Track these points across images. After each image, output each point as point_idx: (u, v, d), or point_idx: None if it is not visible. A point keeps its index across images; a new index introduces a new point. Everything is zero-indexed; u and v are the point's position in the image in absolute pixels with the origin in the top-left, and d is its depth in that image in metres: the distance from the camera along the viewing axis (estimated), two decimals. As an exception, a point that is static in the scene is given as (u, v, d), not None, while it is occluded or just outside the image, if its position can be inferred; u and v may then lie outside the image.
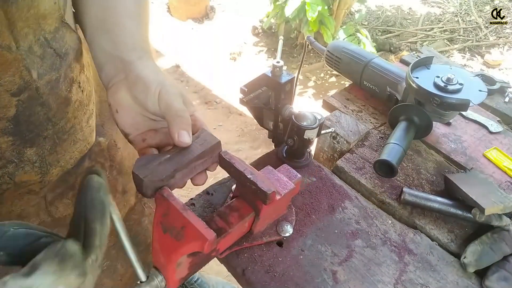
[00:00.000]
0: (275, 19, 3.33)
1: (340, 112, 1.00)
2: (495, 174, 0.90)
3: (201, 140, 0.60)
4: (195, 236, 0.52)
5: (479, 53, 3.43)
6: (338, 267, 0.67)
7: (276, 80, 0.74)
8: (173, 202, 0.54)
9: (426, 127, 0.90)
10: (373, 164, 0.82)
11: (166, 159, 0.56)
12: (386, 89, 0.98)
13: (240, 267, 0.66)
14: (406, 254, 0.71)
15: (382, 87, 1.00)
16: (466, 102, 0.80)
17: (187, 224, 0.53)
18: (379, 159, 0.80)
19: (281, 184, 0.65)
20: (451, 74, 0.83)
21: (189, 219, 0.53)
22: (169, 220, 0.54)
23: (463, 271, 0.70)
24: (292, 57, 3.34)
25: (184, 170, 0.57)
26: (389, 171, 0.81)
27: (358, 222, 0.75)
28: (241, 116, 2.65)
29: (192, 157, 0.57)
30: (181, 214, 0.53)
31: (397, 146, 0.82)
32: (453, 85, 0.82)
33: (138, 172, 0.54)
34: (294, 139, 0.77)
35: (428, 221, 0.78)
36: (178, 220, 0.53)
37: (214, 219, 0.62)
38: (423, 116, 0.88)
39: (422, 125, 0.89)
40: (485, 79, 1.13)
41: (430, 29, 3.72)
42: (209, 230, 0.52)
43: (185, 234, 0.53)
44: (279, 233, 0.69)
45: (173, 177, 0.56)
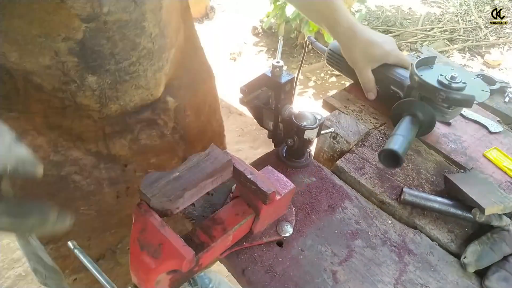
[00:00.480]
0: (275, 19, 3.34)
1: (340, 112, 1.00)
2: (495, 174, 0.90)
3: (211, 158, 0.58)
4: (172, 254, 0.50)
5: (479, 53, 3.43)
6: (338, 267, 0.67)
7: (276, 80, 0.74)
8: (151, 218, 0.52)
9: (429, 123, 0.90)
10: (378, 154, 0.82)
11: (175, 178, 0.55)
12: (389, 87, 0.98)
13: (240, 267, 0.66)
14: (406, 254, 0.71)
15: (384, 86, 1.00)
16: (471, 98, 0.80)
17: (165, 242, 0.51)
18: (384, 149, 0.80)
19: (281, 184, 0.65)
20: (455, 73, 0.84)
21: (166, 236, 0.51)
22: (146, 237, 0.52)
23: (463, 271, 0.70)
24: (292, 57, 3.34)
25: (193, 190, 0.56)
26: (394, 161, 0.80)
27: (358, 222, 0.75)
28: (241, 116, 2.65)
29: (202, 176, 0.56)
30: (158, 231, 0.51)
31: (402, 137, 0.81)
32: (457, 83, 0.83)
33: (146, 190, 0.52)
34: (294, 139, 0.77)
35: (428, 221, 0.78)
36: (155, 237, 0.51)
37: (196, 233, 0.60)
38: (427, 111, 0.88)
39: (425, 121, 0.89)
40: (485, 79, 1.13)
41: (430, 29, 3.73)
42: (187, 248, 0.50)
43: (163, 252, 0.50)
44: (279, 233, 0.69)
45: (182, 197, 0.55)
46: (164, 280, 0.55)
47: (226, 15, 3.84)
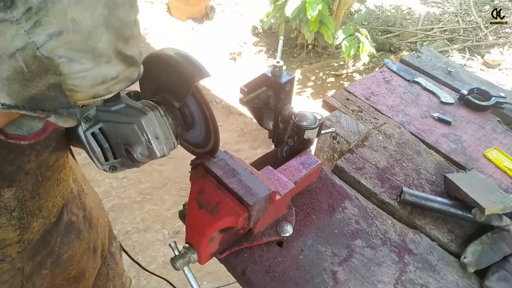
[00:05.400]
0: (275, 19, 3.33)
1: (340, 112, 1.00)
2: (495, 174, 0.90)
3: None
4: (230, 212, 0.55)
5: (479, 53, 3.43)
6: (338, 267, 0.67)
7: (276, 80, 0.73)
8: (208, 180, 0.58)
9: None
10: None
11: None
12: None
13: (240, 267, 0.66)
14: (406, 254, 0.71)
15: None
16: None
17: (222, 201, 0.56)
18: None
19: (281, 184, 0.65)
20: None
21: (223, 196, 0.56)
22: (204, 197, 0.57)
23: (463, 271, 0.70)
24: (292, 57, 3.34)
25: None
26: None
27: (358, 222, 0.75)
28: (241, 116, 2.65)
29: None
30: (215, 191, 0.57)
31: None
32: None
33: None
34: (294, 139, 0.77)
35: (428, 221, 0.78)
36: (213, 197, 0.57)
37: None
38: None
39: None
40: (481, 92, 1.12)
41: (430, 29, 3.72)
42: (242, 206, 0.56)
43: (220, 210, 0.56)
44: (279, 233, 0.69)
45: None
46: (216, 238, 0.60)
47: (226, 15, 3.84)
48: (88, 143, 0.50)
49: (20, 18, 0.32)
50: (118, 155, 0.52)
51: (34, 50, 0.34)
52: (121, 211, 2.02)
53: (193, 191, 0.58)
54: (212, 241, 0.59)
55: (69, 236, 0.70)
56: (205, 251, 0.59)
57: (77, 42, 0.35)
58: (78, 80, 0.36)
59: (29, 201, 0.56)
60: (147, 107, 0.49)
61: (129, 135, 0.49)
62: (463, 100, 1.11)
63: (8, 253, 0.57)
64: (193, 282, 0.59)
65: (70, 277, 0.72)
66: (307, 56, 3.34)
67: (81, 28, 0.34)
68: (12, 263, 0.59)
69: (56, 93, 0.36)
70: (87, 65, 0.36)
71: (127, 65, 0.39)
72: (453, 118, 1.05)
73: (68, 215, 0.70)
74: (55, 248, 0.66)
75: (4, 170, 0.49)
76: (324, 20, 2.77)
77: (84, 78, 0.37)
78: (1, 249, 0.56)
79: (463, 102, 1.11)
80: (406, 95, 1.12)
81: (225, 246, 0.65)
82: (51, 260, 0.66)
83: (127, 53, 0.38)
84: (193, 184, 0.59)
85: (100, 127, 0.50)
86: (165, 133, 0.50)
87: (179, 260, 0.58)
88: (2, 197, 0.52)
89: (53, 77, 0.35)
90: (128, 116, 0.48)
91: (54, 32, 0.33)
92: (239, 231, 0.65)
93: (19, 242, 0.58)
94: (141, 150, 0.49)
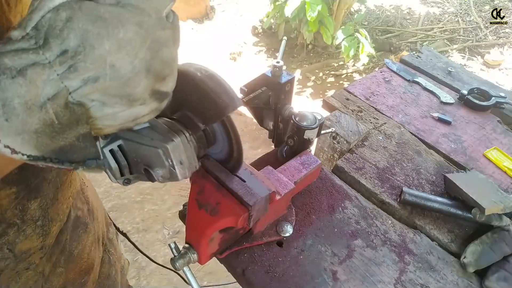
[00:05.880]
0: (275, 19, 3.34)
1: (340, 112, 1.00)
2: (495, 174, 0.90)
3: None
4: (230, 212, 0.55)
5: (479, 53, 3.43)
6: (338, 267, 0.67)
7: (276, 80, 0.73)
8: (208, 180, 0.58)
9: None
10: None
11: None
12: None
13: (240, 267, 0.66)
14: (406, 254, 0.71)
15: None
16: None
17: (222, 201, 0.56)
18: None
19: (281, 184, 0.65)
20: None
21: (223, 196, 0.56)
22: (204, 197, 0.57)
23: (463, 271, 0.70)
24: (292, 57, 3.34)
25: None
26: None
27: (358, 222, 0.75)
28: (241, 116, 2.65)
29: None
30: (215, 191, 0.57)
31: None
32: None
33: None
34: (294, 139, 0.77)
35: (428, 221, 0.78)
36: (213, 197, 0.57)
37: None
38: None
39: None
40: (481, 92, 1.12)
41: (430, 29, 3.73)
42: (242, 206, 0.56)
43: (220, 210, 0.56)
44: (279, 233, 0.69)
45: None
46: (216, 238, 0.60)
47: (226, 15, 3.84)
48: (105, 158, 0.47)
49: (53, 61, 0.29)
50: (135, 171, 0.49)
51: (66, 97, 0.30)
52: (121, 211, 2.02)
53: (193, 191, 0.58)
54: (212, 241, 0.59)
55: (77, 231, 0.71)
56: (205, 251, 0.59)
57: (114, 89, 0.32)
58: (108, 121, 0.34)
59: (50, 208, 0.58)
60: (173, 131, 0.46)
61: (151, 158, 0.46)
62: (463, 100, 1.11)
63: (33, 261, 0.59)
64: (193, 282, 0.59)
65: (82, 270, 0.73)
66: (307, 56, 3.34)
67: (120, 75, 0.31)
68: (36, 269, 0.60)
69: (86, 143, 0.34)
70: (120, 108, 0.33)
71: (160, 100, 0.37)
72: (453, 118, 1.05)
73: (75, 211, 0.70)
74: (66, 245, 0.67)
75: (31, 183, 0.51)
76: (324, 21, 2.77)
77: (115, 119, 0.34)
78: (27, 258, 0.57)
79: (463, 102, 1.11)
80: (406, 95, 1.12)
81: (225, 246, 0.65)
82: (64, 258, 0.67)
83: (163, 90, 0.36)
84: (193, 184, 0.59)
85: (119, 144, 0.47)
86: (190, 158, 0.48)
87: (179, 260, 0.58)
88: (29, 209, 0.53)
89: (84, 127, 0.33)
90: (153, 139, 0.45)
91: (89, 77, 0.30)
92: (239, 231, 0.65)
93: (41, 248, 0.59)
94: (162, 173, 0.47)
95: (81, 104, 0.31)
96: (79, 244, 0.71)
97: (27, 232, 0.55)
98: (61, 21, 0.28)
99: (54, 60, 0.29)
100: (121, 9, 0.30)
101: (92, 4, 0.29)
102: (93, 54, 0.29)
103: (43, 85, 0.29)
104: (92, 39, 0.29)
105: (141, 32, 0.31)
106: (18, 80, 0.29)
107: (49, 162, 0.32)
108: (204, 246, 0.58)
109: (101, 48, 0.29)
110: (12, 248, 0.54)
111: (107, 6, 0.29)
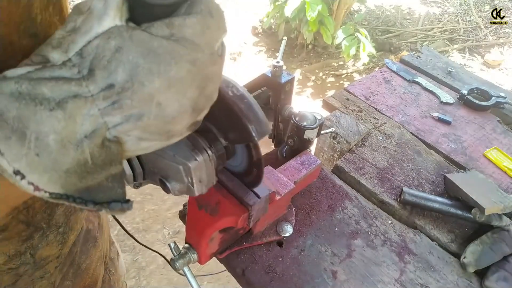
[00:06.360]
0: (275, 19, 3.34)
1: (340, 112, 1.00)
2: (495, 174, 0.90)
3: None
4: (230, 212, 0.55)
5: (479, 53, 3.43)
6: (338, 267, 0.67)
7: (276, 80, 0.73)
8: None
9: None
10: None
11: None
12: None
13: (240, 267, 0.66)
14: (406, 254, 0.71)
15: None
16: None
17: (222, 201, 0.56)
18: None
19: (281, 184, 0.65)
20: None
21: (223, 196, 0.56)
22: (204, 197, 0.57)
23: (463, 271, 0.70)
24: (292, 57, 3.34)
25: None
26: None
27: (358, 222, 0.75)
28: (241, 116, 2.65)
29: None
30: (215, 191, 0.57)
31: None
32: None
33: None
34: (294, 139, 0.77)
35: (428, 221, 0.78)
36: (213, 197, 0.57)
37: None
38: None
39: None
40: (481, 92, 1.12)
41: (430, 29, 3.73)
42: (242, 206, 0.56)
43: (220, 210, 0.56)
44: (279, 233, 0.69)
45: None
46: (216, 239, 0.60)
47: (225, 15, 3.84)
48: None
49: (96, 95, 0.26)
50: (149, 179, 0.47)
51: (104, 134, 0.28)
52: (121, 211, 2.02)
53: None
54: (212, 241, 0.59)
55: (86, 245, 0.69)
56: (205, 251, 0.60)
57: (155, 126, 0.29)
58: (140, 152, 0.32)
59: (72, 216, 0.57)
60: (197, 150, 0.44)
61: (170, 172, 0.45)
62: (463, 100, 1.11)
63: (48, 269, 0.58)
64: (193, 282, 0.59)
65: (86, 286, 0.72)
66: (307, 56, 3.34)
67: (165, 114, 0.29)
68: (49, 279, 0.59)
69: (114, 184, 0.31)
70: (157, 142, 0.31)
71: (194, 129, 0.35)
72: (453, 118, 1.05)
73: (87, 223, 0.69)
74: (75, 257, 0.66)
75: None
76: (324, 21, 2.77)
77: (147, 150, 0.32)
78: (44, 266, 0.56)
79: (463, 102, 1.11)
80: (406, 95, 1.12)
81: (225, 246, 0.65)
82: (72, 271, 0.66)
83: (199, 119, 0.34)
84: None
85: None
86: (209, 176, 0.46)
87: (179, 260, 0.58)
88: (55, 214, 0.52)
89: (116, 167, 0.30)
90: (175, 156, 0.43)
91: (132, 114, 0.28)
92: (239, 231, 0.65)
93: (58, 257, 0.58)
94: (179, 188, 0.45)
95: (117, 140, 0.29)
96: (87, 258, 0.69)
97: (49, 238, 0.54)
98: (109, 50, 0.26)
99: (98, 94, 0.26)
100: (175, 44, 0.27)
101: (145, 35, 0.27)
102: (142, 92, 0.27)
103: (82, 120, 0.27)
104: (142, 76, 0.27)
105: (193, 70, 0.28)
106: (57, 113, 0.26)
107: (72, 202, 0.30)
108: (204, 246, 0.58)
109: (150, 86, 0.27)
110: (34, 253, 0.53)
111: (160, 39, 0.27)
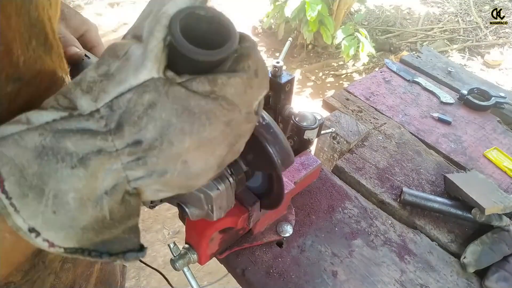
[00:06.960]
0: (275, 19, 3.34)
1: (340, 112, 1.00)
2: (495, 174, 0.90)
3: None
4: (229, 212, 0.54)
5: (479, 53, 3.43)
6: (338, 267, 0.67)
7: (276, 80, 0.73)
8: None
9: None
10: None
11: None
12: None
13: (240, 267, 0.66)
14: (406, 254, 0.71)
15: None
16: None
17: None
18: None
19: (281, 184, 0.65)
20: None
21: None
22: None
23: (463, 271, 0.70)
24: (292, 57, 3.34)
25: None
26: None
27: (358, 222, 0.75)
28: (241, 116, 2.65)
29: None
30: None
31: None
32: None
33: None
34: (294, 139, 0.77)
35: (428, 221, 0.78)
36: None
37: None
38: None
39: None
40: (481, 92, 1.12)
41: (430, 29, 3.73)
42: (242, 207, 0.56)
43: None
44: (279, 233, 0.69)
45: None
46: (216, 239, 0.60)
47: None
48: None
49: (121, 150, 0.25)
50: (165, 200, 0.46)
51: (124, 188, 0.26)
52: (121, 211, 2.02)
53: None
54: (212, 242, 0.59)
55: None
56: (205, 251, 0.60)
57: (178, 183, 0.27)
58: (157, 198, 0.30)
59: None
60: (218, 178, 0.42)
61: (189, 199, 0.44)
62: (463, 100, 1.11)
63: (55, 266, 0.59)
64: (193, 282, 0.59)
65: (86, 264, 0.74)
66: (307, 56, 3.34)
67: (189, 172, 0.27)
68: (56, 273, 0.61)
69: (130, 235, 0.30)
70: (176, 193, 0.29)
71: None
72: (453, 118, 1.05)
73: None
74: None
75: None
76: (324, 21, 2.77)
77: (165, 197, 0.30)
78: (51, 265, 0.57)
79: (463, 102, 1.11)
80: (406, 95, 1.12)
81: (225, 247, 0.65)
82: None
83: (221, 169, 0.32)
84: None
85: None
86: (228, 202, 0.45)
87: (179, 260, 0.58)
88: None
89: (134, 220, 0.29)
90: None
91: (155, 171, 0.26)
92: (239, 231, 0.65)
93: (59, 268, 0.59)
94: (198, 213, 0.44)
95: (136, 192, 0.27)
96: None
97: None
98: (142, 105, 0.24)
99: (123, 149, 0.25)
100: (212, 103, 0.26)
101: (182, 92, 0.25)
102: (169, 152, 0.25)
103: (104, 176, 0.25)
104: (173, 135, 0.25)
105: (227, 130, 0.27)
106: (78, 171, 0.24)
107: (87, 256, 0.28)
108: (204, 247, 0.58)
109: (180, 146, 0.25)
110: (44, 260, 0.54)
111: (198, 97, 0.25)
